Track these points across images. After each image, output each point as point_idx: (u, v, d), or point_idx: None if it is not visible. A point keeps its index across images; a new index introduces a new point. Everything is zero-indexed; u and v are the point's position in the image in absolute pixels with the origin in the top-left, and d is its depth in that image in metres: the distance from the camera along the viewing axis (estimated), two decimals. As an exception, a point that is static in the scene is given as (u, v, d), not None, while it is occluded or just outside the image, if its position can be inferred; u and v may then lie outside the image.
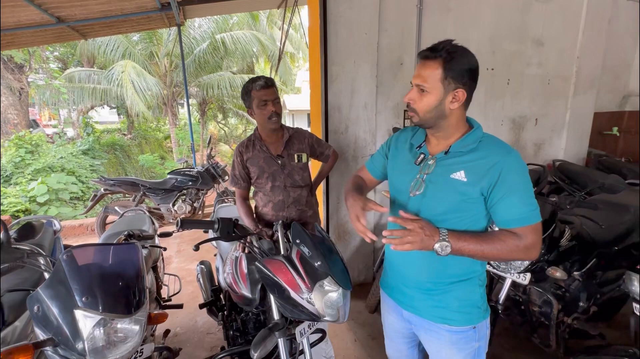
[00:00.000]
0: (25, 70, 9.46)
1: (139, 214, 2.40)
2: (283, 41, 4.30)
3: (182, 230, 1.16)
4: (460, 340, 1.06)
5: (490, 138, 1.00)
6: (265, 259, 1.21)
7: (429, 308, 1.07)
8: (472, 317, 1.06)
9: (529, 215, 0.93)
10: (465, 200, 0.96)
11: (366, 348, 2.16)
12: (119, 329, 1.00)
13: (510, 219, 0.94)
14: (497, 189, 0.93)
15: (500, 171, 0.92)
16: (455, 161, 0.99)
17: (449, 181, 0.98)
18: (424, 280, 1.06)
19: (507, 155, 0.94)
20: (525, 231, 0.93)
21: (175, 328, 2.39)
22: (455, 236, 0.92)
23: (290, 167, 1.73)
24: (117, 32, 6.23)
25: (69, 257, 1.00)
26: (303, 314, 1.10)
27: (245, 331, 1.57)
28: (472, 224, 1.00)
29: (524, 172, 0.95)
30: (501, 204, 0.94)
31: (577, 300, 1.80)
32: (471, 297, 1.06)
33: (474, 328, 1.06)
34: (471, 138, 0.98)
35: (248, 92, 1.63)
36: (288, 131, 1.76)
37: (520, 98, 3.18)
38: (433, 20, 2.64)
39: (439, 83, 0.93)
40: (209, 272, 2.13)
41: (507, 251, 0.93)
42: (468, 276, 1.05)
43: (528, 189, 0.95)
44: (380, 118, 2.66)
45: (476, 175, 0.95)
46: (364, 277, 2.88)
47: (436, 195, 1.00)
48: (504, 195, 0.93)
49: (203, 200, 4.36)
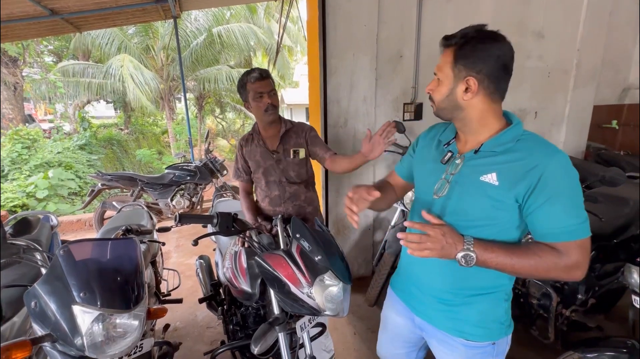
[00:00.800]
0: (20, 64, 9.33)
1: (137, 209, 2.39)
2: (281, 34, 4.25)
3: (180, 224, 1.15)
4: (476, 355, 0.98)
5: (531, 136, 0.88)
6: (265, 254, 1.20)
7: (445, 319, 0.99)
8: (492, 333, 0.96)
9: (575, 228, 0.80)
10: (495, 206, 0.85)
11: (365, 341, 2.17)
12: (118, 325, 0.99)
13: (550, 232, 0.82)
14: (535, 195, 0.81)
15: (541, 175, 0.79)
16: (486, 161, 0.88)
17: (478, 184, 0.87)
18: (442, 289, 0.97)
19: (550, 156, 0.81)
20: (567, 247, 0.81)
21: (175, 323, 2.40)
22: (482, 247, 0.82)
23: (285, 163, 1.69)
24: (112, 25, 6.13)
25: (66, 252, 0.98)
26: (303, 308, 1.09)
27: (245, 326, 1.57)
28: (503, 234, 0.88)
29: (571, 176, 0.81)
30: (540, 213, 0.81)
31: (576, 293, 1.81)
32: (494, 312, 0.96)
33: (493, 344, 0.96)
34: (507, 136, 0.87)
35: (244, 85, 1.60)
36: (285, 125, 1.70)
37: (521, 91, 3.16)
38: (433, 12, 2.60)
39: (450, 71, 0.86)
40: (208, 266, 2.13)
41: (543, 268, 0.81)
42: (493, 289, 0.94)
43: (575, 197, 0.81)
44: (380, 111, 2.64)
45: (511, 179, 0.83)
46: (363, 271, 2.89)
47: (462, 198, 0.90)
48: (544, 203, 0.80)
49: (201, 195, 4.34)
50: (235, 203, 2.53)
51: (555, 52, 3.19)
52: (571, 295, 1.82)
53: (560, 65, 3.25)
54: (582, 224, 0.82)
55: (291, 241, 1.18)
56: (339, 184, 2.64)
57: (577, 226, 0.81)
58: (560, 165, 0.81)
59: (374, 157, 1.31)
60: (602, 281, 1.90)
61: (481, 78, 0.84)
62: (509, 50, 0.84)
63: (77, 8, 3.57)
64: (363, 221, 2.79)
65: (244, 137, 1.77)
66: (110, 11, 3.77)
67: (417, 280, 1.05)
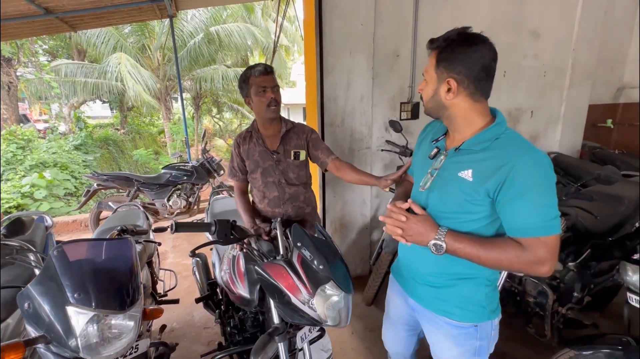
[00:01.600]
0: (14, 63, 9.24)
1: (133, 209, 2.37)
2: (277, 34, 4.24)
3: (176, 233, 1.12)
4: (460, 335, 1.05)
5: (510, 136, 0.90)
6: (265, 263, 1.17)
7: (432, 300, 1.07)
8: (473, 315, 1.03)
9: (540, 225, 0.83)
10: (469, 200, 0.91)
11: (363, 340, 2.17)
12: (113, 326, 0.99)
13: (516, 227, 0.86)
14: (504, 191, 0.85)
15: (510, 171, 0.83)
16: (465, 158, 0.93)
17: (456, 179, 0.93)
18: (429, 273, 1.06)
19: (522, 155, 0.84)
20: (531, 243, 0.84)
21: (172, 323, 2.38)
22: (452, 237, 0.88)
23: (285, 164, 1.65)
24: (107, 24, 6.09)
25: (60, 253, 0.97)
26: (304, 319, 1.07)
27: (243, 329, 1.55)
28: (481, 228, 0.94)
29: (541, 175, 0.83)
30: (508, 209, 0.86)
31: (572, 290, 1.82)
32: (475, 296, 1.02)
33: (475, 326, 1.03)
34: (486, 135, 0.91)
35: (246, 79, 1.55)
36: (286, 124, 1.66)
37: (517, 90, 3.17)
38: (430, 11, 2.60)
39: (434, 73, 0.92)
40: (205, 266, 2.11)
41: (506, 261, 0.86)
42: (473, 275, 1.01)
43: (545, 195, 0.83)
44: (377, 110, 2.64)
45: (483, 175, 0.88)
46: (361, 270, 2.89)
47: (442, 192, 0.96)
48: (512, 199, 0.84)
49: (198, 195, 4.32)
50: (231, 201, 2.52)
51: (551, 51, 3.21)
52: (567, 293, 1.83)
53: (555, 64, 3.27)
54: (549, 222, 0.83)
55: (291, 247, 1.15)
56: (335, 184, 2.63)
57: (542, 223, 0.83)
58: (531, 163, 0.83)
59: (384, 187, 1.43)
60: (598, 279, 1.91)
61: (461, 79, 0.88)
62: (489, 52, 0.87)
63: (72, 7, 3.54)
64: (360, 220, 2.79)
65: (241, 135, 1.69)
66: (105, 10, 3.74)
67: (409, 265, 1.13)
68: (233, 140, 1.71)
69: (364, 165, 2.66)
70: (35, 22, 3.80)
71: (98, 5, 3.57)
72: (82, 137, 8.67)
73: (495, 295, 1.06)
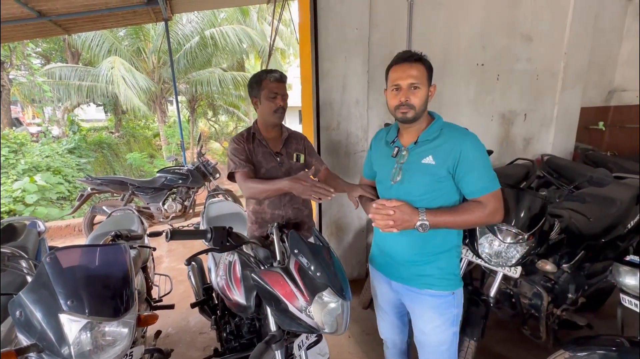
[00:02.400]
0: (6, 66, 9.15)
1: (128, 213, 2.35)
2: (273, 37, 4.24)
3: (171, 240, 1.10)
4: (441, 305, 1.21)
5: (449, 126, 1.19)
6: (261, 271, 1.16)
7: (414, 276, 1.23)
8: (451, 283, 1.22)
9: (488, 184, 1.12)
10: (436, 180, 1.14)
11: (360, 343, 2.17)
12: (107, 333, 0.97)
13: (473, 190, 1.13)
14: (459, 167, 1.12)
15: (460, 152, 1.11)
16: (424, 149, 1.17)
17: (421, 166, 1.16)
18: (411, 253, 1.23)
19: (464, 137, 1.13)
20: (487, 198, 1.12)
21: (167, 329, 2.36)
22: (431, 214, 1.11)
23: (288, 165, 1.68)
24: (101, 27, 6.06)
25: (52, 260, 0.96)
26: (301, 327, 1.07)
27: (239, 335, 1.54)
28: (446, 200, 1.17)
29: (480, 150, 1.13)
30: (465, 179, 1.13)
31: (566, 292, 1.83)
32: (450, 266, 1.23)
33: (452, 294, 1.22)
34: (434, 127, 1.18)
35: (259, 81, 1.58)
36: (287, 130, 1.74)
37: (510, 93, 3.21)
38: (424, 15, 2.63)
39: (425, 80, 1.15)
40: (201, 270, 2.10)
41: (475, 218, 1.12)
42: (447, 247, 1.22)
43: (485, 164, 1.13)
44: (372, 114, 2.65)
45: (442, 158, 1.13)
46: (357, 273, 2.89)
47: (412, 179, 1.18)
48: (467, 171, 1.12)
49: (194, 199, 4.30)
50: (227, 204, 2.50)
51: (543, 55, 3.25)
52: (562, 294, 1.84)
53: (548, 67, 3.31)
54: (492, 180, 1.13)
55: (288, 252, 1.14)
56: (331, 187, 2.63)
57: (488, 183, 1.13)
58: (472, 143, 1.13)
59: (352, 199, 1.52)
60: (592, 280, 1.93)
61: (433, 86, 1.18)
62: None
63: (66, 10, 3.52)
64: (357, 223, 2.79)
65: (242, 135, 1.67)
66: (99, 13, 3.72)
67: (390, 251, 1.29)
68: (231, 140, 1.66)
69: (360, 168, 2.67)
70: (28, 25, 3.77)
71: (92, 8, 3.56)
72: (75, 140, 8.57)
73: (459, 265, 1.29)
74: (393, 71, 1.17)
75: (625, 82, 3.96)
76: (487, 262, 1.62)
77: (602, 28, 3.63)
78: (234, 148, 1.62)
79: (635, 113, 3.84)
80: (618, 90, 4.03)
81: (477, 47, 2.94)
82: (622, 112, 3.94)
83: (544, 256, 1.77)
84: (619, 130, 3.98)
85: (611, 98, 4.07)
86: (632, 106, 3.88)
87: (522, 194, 1.63)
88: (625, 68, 3.95)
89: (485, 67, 3.02)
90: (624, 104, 3.97)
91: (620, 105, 3.98)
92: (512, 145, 3.40)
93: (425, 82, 1.14)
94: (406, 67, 1.13)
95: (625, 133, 3.95)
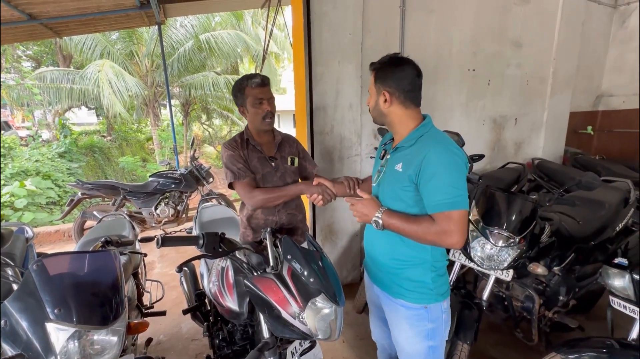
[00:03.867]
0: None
1: (119, 219, 2.32)
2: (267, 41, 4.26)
3: (162, 247, 1.08)
4: (413, 317, 1.19)
5: (430, 134, 1.12)
6: (254, 277, 1.15)
7: (389, 284, 1.22)
8: (422, 297, 1.17)
9: (443, 202, 1.03)
10: (400, 187, 1.13)
11: (354, 348, 2.16)
12: (96, 341, 0.95)
13: (429, 204, 1.07)
14: (420, 176, 1.06)
15: (422, 160, 1.05)
16: (399, 155, 1.16)
17: (393, 172, 1.16)
18: (384, 257, 1.23)
19: (434, 145, 1.06)
20: (438, 217, 1.05)
21: (159, 336, 2.32)
22: (387, 214, 1.11)
23: (283, 169, 1.66)
24: (93, 31, 5.99)
25: (39, 267, 0.94)
26: (294, 333, 1.05)
27: (232, 341, 1.51)
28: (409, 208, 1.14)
29: (444, 162, 1.04)
30: (424, 189, 1.07)
31: (557, 294, 1.86)
32: (422, 279, 1.17)
33: (425, 308, 1.17)
34: (412, 135, 1.14)
35: (242, 89, 1.55)
36: (280, 134, 1.72)
37: (501, 98, 3.26)
38: (416, 21, 2.66)
39: (373, 88, 1.17)
40: (193, 276, 2.07)
41: (422, 233, 1.06)
42: (417, 261, 1.17)
43: (448, 178, 1.03)
44: (366, 118, 2.66)
45: (407, 166, 1.10)
46: (352, 278, 2.88)
47: (385, 183, 1.20)
48: (425, 182, 1.06)
49: (187, 203, 4.26)
50: (220, 209, 2.48)
51: (533, 61, 3.32)
52: (553, 297, 1.86)
53: (537, 73, 3.38)
54: (451, 199, 1.03)
55: (281, 258, 1.13)
56: (326, 190, 2.63)
57: (445, 200, 1.03)
58: (440, 151, 1.05)
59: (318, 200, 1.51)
60: (582, 283, 1.96)
61: (392, 92, 1.12)
62: (413, 70, 1.12)
63: (57, 13, 3.49)
64: (350, 227, 2.79)
65: (235, 141, 1.63)
66: (92, 17, 3.69)
67: (371, 254, 1.31)
68: (225, 147, 1.61)
69: (354, 172, 2.68)
70: (18, 27, 3.73)
71: (84, 11, 3.53)
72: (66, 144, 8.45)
73: (442, 279, 1.21)
74: None
75: (612, 87, 4.06)
76: (480, 265, 1.63)
77: (589, 35, 3.72)
78: (230, 155, 1.58)
79: (622, 117, 3.93)
80: (605, 95, 4.12)
81: (468, 53, 2.99)
82: (610, 117, 4.03)
83: (535, 259, 1.79)
84: (607, 134, 4.06)
85: (599, 103, 4.16)
86: (619, 111, 3.97)
87: (513, 198, 1.65)
88: (611, 74, 4.05)
89: (476, 72, 3.06)
90: (611, 109, 4.06)
91: (608, 110, 4.07)
92: (504, 149, 3.44)
93: (373, 90, 1.18)
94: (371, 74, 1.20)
95: (612, 137, 4.03)
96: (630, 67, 3.86)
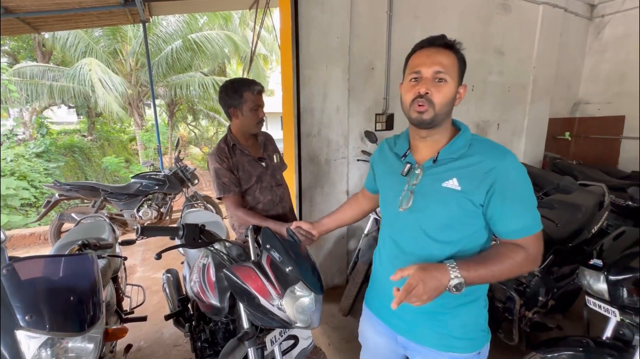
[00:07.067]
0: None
1: (98, 221, 2.24)
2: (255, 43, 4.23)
3: (143, 238, 1.08)
4: None
5: (481, 140, 0.91)
6: (233, 266, 1.16)
7: (432, 335, 0.95)
8: (477, 342, 0.95)
9: (532, 223, 0.85)
10: (460, 208, 0.86)
11: (340, 351, 2.15)
12: (70, 349, 0.92)
13: (513, 230, 0.85)
14: (495, 197, 0.83)
15: (497, 177, 0.83)
16: (445, 168, 0.88)
17: (441, 191, 0.87)
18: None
19: (502, 158, 0.85)
20: (528, 241, 0.85)
21: (139, 342, 2.25)
22: (465, 267, 0.79)
23: (272, 167, 1.76)
24: (74, 27, 5.83)
25: (10, 272, 0.90)
26: (274, 321, 1.06)
27: (214, 342, 1.51)
28: (473, 239, 0.89)
29: (523, 175, 0.86)
30: (503, 214, 0.84)
31: (537, 295, 1.91)
32: (477, 321, 0.96)
33: (478, 354, 0.96)
34: (460, 142, 0.89)
35: (240, 92, 1.59)
36: (261, 134, 1.80)
37: (484, 104, 3.35)
38: (402, 27, 2.71)
39: (456, 74, 0.86)
40: (176, 281, 2.02)
41: (517, 267, 0.83)
42: (475, 295, 0.94)
43: (530, 194, 0.86)
44: (353, 121, 2.68)
45: (471, 182, 0.84)
46: (337, 280, 2.88)
47: (428, 206, 0.89)
48: (505, 204, 0.83)
49: (170, 205, 4.17)
50: (205, 214, 2.45)
51: (514, 68, 3.43)
52: (533, 297, 1.91)
53: (518, 80, 3.49)
54: (537, 217, 0.86)
55: (261, 252, 1.14)
56: (312, 194, 2.63)
57: (533, 220, 0.86)
58: (513, 166, 0.85)
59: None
60: (560, 283, 2.02)
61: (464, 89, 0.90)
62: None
63: (35, 8, 3.37)
64: (337, 230, 2.78)
65: (222, 151, 1.62)
66: (72, 12, 3.58)
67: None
68: (212, 159, 1.61)
69: (341, 175, 2.68)
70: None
71: (64, 7, 3.42)
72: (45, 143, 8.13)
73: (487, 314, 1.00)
74: (415, 57, 0.89)
75: (588, 95, 4.23)
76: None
77: (567, 45, 3.88)
78: (217, 169, 1.59)
79: (597, 124, 4.11)
80: (582, 102, 4.30)
81: (453, 59, 3.06)
82: (586, 123, 4.20)
83: (516, 261, 1.83)
84: (584, 140, 4.23)
85: (576, 110, 4.33)
86: (595, 118, 4.15)
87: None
88: (588, 83, 4.22)
89: (460, 78, 3.13)
90: (587, 116, 4.23)
91: (585, 117, 4.24)
92: (487, 154, 3.53)
93: (454, 76, 0.85)
94: (432, 52, 0.85)
95: (589, 143, 4.20)
96: (604, 76, 4.04)
